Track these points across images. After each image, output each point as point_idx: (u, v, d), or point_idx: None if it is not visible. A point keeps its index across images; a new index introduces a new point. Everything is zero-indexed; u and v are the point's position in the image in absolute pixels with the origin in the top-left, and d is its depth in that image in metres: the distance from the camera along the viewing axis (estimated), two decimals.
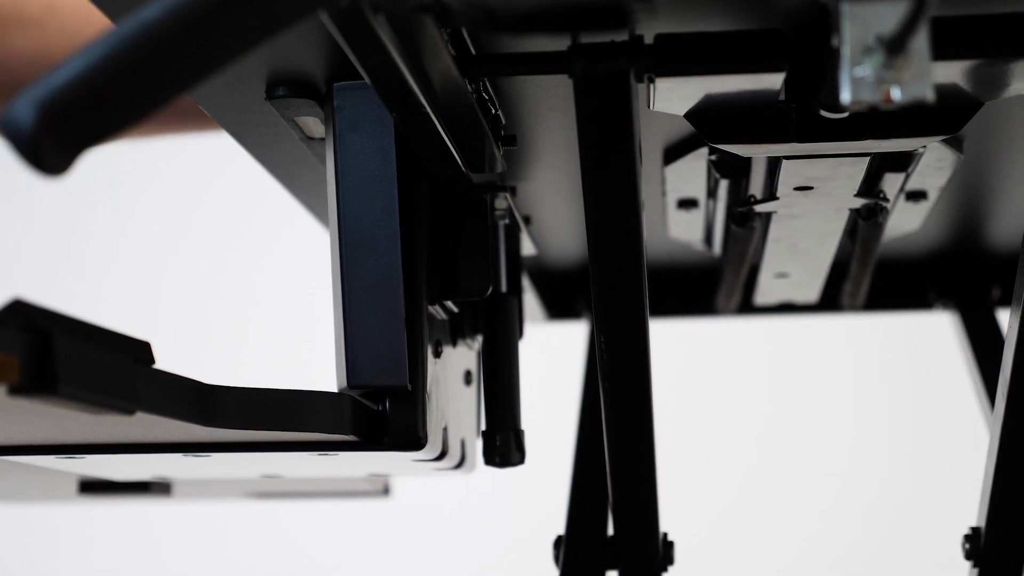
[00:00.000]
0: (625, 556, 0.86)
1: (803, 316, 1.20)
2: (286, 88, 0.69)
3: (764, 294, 1.12)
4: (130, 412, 0.54)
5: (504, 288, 0.80)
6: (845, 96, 0.48)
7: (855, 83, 0.48)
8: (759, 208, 0.79)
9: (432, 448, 0.74)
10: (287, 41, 0.65)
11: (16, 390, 0.48)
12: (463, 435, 0.84)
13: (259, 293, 2.20)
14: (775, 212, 0.81)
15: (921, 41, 0.47)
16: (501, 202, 0.78)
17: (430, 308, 0.74)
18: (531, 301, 1.19)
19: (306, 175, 0.87)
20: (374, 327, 0.68)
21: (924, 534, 1.94)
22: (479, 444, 0.87)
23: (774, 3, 0.57)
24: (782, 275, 1.02)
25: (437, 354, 0.75)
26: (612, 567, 0.88)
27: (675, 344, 1.50)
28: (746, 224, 0.82)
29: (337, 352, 0.70)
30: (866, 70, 0.48)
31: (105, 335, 0.54)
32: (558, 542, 0.89)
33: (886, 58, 0.47)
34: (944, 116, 0.64)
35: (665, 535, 0.88)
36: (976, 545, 0.86)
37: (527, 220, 0.94)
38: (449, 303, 0.77)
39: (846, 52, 0.48)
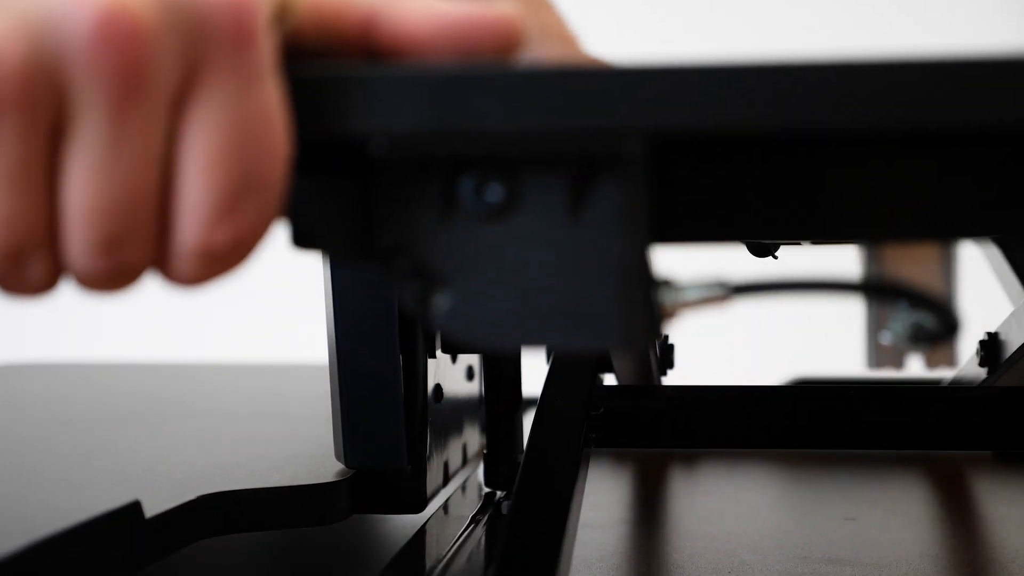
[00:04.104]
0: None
1: None
2: None
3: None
4: None
5: None
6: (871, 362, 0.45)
7: (879, 350, 0.45)
8: (782, 246, 0.75)
9: (433, 500, 0.73)
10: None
11: None
12: (465, 440, 0.82)
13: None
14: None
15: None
16: None
17: (430, 359, 0.71)
18: None
19: None
20: (371, 412, 0.66)
21: None
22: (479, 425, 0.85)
23: None
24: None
25: (438, 399, 0.73)
26: (607, 370, 0.83)
27: None
28: (763, 255, 0.78)
29: (335, 427, 0.68)
30: (891, 337, 0.44)
31: (91, 530, 0.52)
32: None
33: (911, 336, 0.44)
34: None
35: (666, 337, 0.84)
36: (993, 352, 0.77)
37: None
38: None
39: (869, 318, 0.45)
